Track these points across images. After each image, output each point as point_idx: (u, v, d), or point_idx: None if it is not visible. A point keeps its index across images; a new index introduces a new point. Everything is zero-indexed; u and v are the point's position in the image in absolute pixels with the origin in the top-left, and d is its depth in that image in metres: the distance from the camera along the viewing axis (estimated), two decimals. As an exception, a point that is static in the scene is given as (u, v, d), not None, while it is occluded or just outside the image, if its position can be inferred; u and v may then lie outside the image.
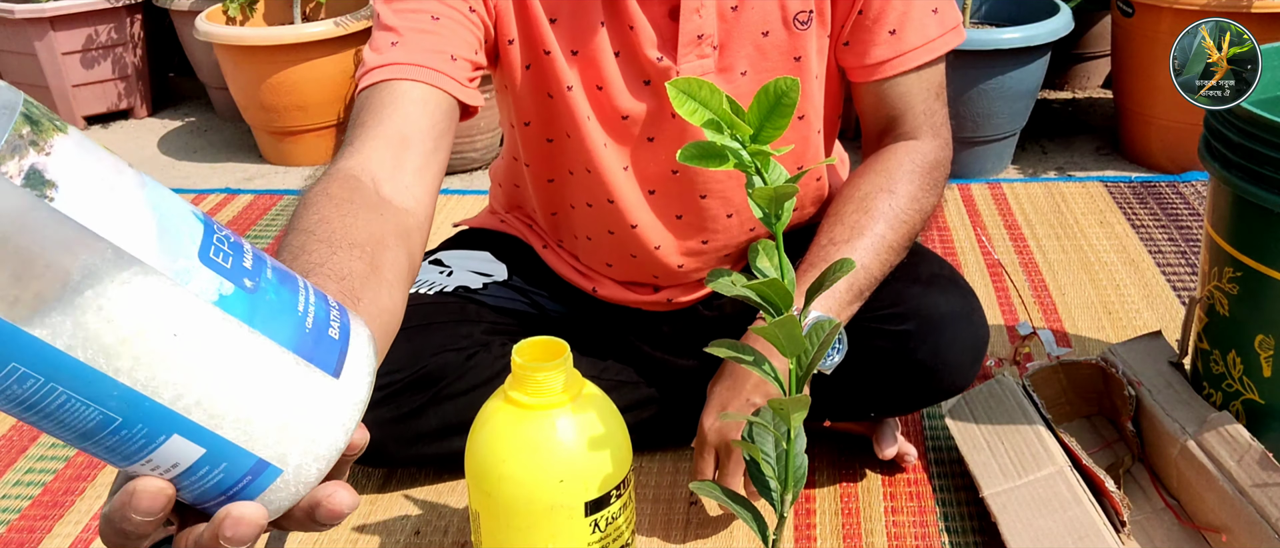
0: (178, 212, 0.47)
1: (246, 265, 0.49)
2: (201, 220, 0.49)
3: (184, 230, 0.46)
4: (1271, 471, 1.16)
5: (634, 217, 1.24)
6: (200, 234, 0.47)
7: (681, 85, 0.64)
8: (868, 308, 1.17)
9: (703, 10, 1.11)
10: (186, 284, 0.45)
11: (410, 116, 0.98)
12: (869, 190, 1.19)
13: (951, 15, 1.19)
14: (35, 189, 0.41)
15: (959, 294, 1.25)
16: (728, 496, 0.94)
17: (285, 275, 0.52)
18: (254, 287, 0.48)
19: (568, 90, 1.15)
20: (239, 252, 0.49)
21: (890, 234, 1.17)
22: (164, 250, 0.45)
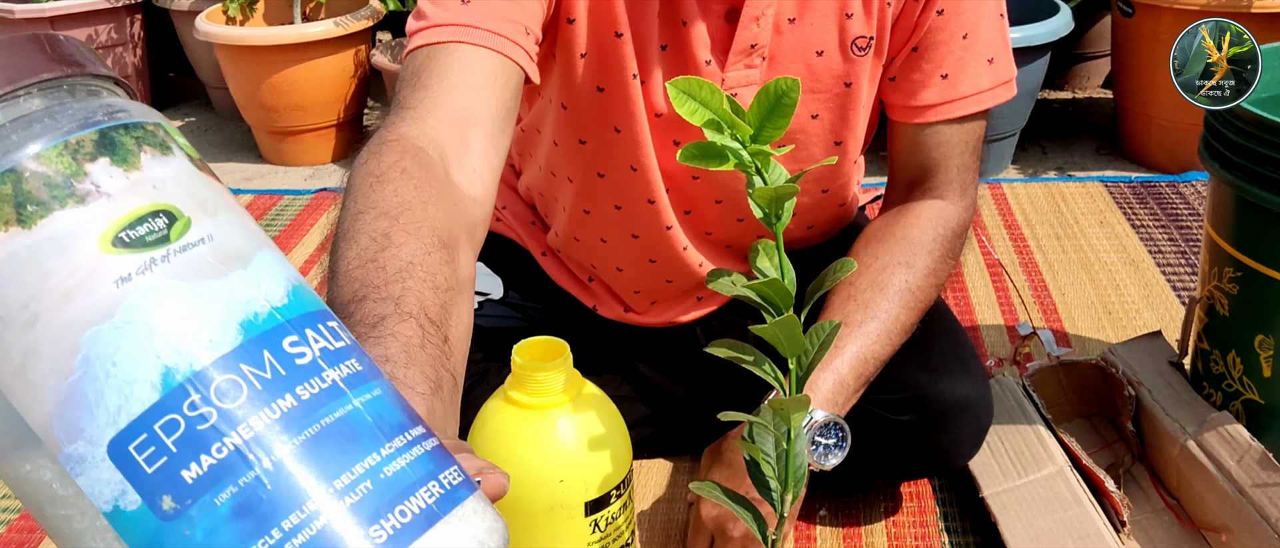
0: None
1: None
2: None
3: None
4: (1271, 471, 1.16)
5: (670, 218, 1.18)
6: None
7: (681, 85, 0.64)
8: (872, 390, 1.12)
9: (762, 19, 1.04)
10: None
11: (480, 90, 0.87)
12: (887, 263, 1.12)
13: (1006, 69, 1.12)
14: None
15: (968, 381, 1.20)
16: (728, 496, 0.94)
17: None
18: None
19: (632, 79, 1.06)
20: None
21: (904, 315, 1.12)
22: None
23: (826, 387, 1.07)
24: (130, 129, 0.36)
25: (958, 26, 1.08)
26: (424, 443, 0.37)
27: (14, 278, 0.33)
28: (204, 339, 0.34)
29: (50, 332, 0.33)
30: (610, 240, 1.23)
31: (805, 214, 1.24)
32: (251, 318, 0.36)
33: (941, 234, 1.15)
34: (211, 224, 0.36)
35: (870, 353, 1.09)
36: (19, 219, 0.34)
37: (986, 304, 1.82)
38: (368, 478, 0.35)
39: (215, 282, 0.35)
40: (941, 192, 1.16)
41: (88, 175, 0.35)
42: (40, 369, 0.33)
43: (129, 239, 0.34)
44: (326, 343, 0.37)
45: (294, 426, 0.34)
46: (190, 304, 0.35)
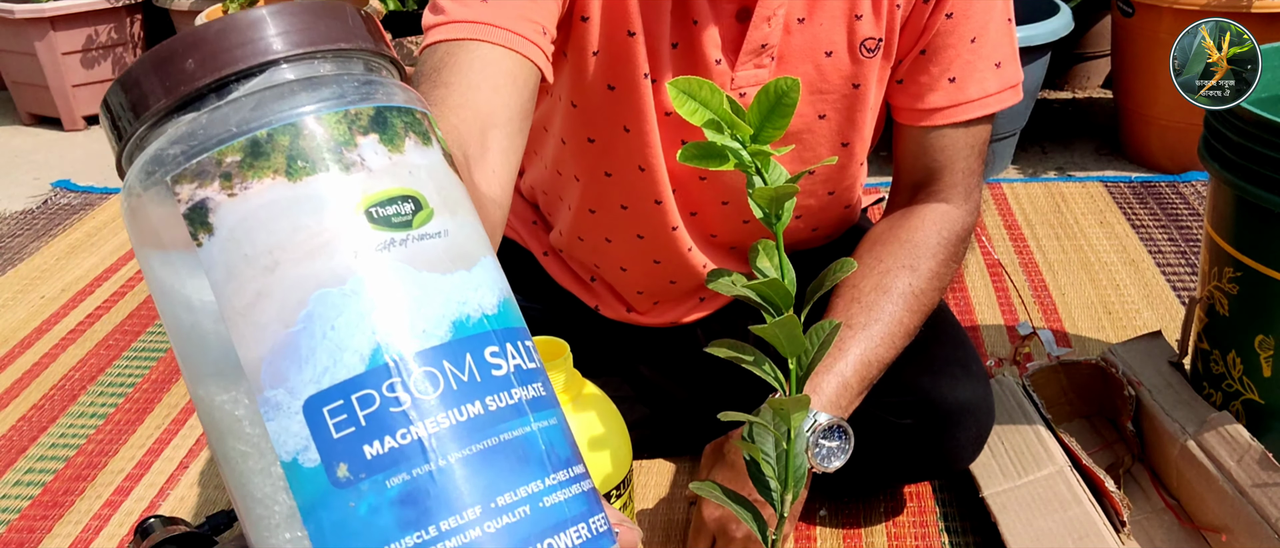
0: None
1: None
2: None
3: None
4: (1271, 471, 1.16)
5: (676, 218, 1.18)
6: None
7: (681, 85, 0.64)
8: (874, 393, 1.12)
9: (773, 19, 1.04)
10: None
11: (500, 91, 0.86)
12: (891, 266, 1.13)
13: (1013, 73, 1.12)
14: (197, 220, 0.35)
15: (969, 383, 1.20)
16: (728, 495, 0.94)
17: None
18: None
19: (644, 78, 1.06)
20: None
21: (907, 318, 1.12)
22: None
23: (830, 389, 1.07)
24: (402, 113, 0.38)
25: (966, 30, 1.08)
26: (582, 483, 0.38)
27: (267, 223, 0.35)
28: (417, 328, 0.35)
29: (285, 281, 0.35)
30: (615, 240, 1.23)
31: (811, 216, 1.23)
32: (463, 319, 0.36)
33: (946, 238, 1.15)
34: (450, 220, 0.38)
35: (873, 356, 1.09)
36: (288, 171, 0.35)
37: (986, 304, 1.82)
38: (527, 503, 0.35)
39: (440, 276, 0.36)
40: (946, 195, 1.16)
41: (357, 147, 0.36)
42: (267, 313, 0.35)
43: (376, 216, 0.36)
44: (521, 361, 0.38)
45: (475, 433, 0.35)
46: (414, 291, 0.36)
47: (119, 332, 1.87)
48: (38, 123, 3.10)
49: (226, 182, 0.35)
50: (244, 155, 0.35)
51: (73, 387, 1.71)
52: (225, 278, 0.35)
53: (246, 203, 0.35)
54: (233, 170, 0.35)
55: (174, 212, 0.35)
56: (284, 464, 0.34)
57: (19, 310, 1.98)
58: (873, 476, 1.28)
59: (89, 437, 1.58)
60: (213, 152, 0.35)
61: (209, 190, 0.35)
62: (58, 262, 2.17)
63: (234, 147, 0.35)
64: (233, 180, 0.35)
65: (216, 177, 0.35)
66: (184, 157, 0.35)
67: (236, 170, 0.35)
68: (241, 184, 0.35)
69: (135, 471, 1.50)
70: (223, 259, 0.35)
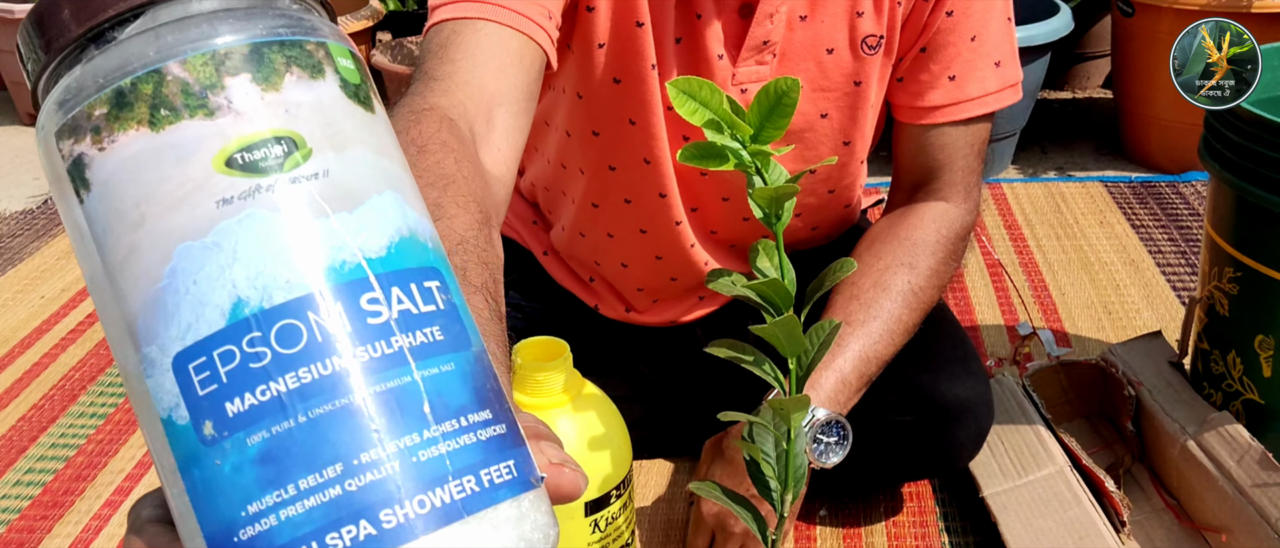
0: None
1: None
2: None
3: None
4: (1271, 471, 1.16)
5: (680, 213, 1.18)
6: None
7: (681, 85, 0.64)
8: (873, 390, 1.13)
9: (776, 16, 1.04)
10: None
11: (506, 70, 0.87)
12: (890, 263, 1.12)
13: (1013, 72, 1.12)
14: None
15: (969, 381, 1.20)
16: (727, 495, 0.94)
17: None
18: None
19: (651, 69, 1.05)
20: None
21: (907, 315, 1.12)
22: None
23: (829, 385, 1.07)
24: (284, 47, 0.36)
25: (967, 28, 1.08)
26: (479, 432, 0.35)
27: (134, 177, 0.34)
28: (281, 278, 0.34)
29: (152, 236, 0.34)
30: (617, 235, 1.23)
31: (810, 215, 1.23)
32: (336, 265, 0.34)
33: (945, 236, 1.15)
34: (334, 159, 0.35)
35: (872, 353, 1.09)
36: (150, 121, 0.34)
37: (986, 304, 1.82)
38: (398, 458, 0.33)
39: (314, 220, 0.34)
40: (946, 194, 1.16)
41: (224, 89, 0.34)
42: (137, 269, 0.34)
43: (242, 162, 0.34)
44: (411, 306, 0.35)
45: (341, 387, 0.33)
46: (280, 240, 0.34)
47: (119, 332, 1.87)
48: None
49: (97, 136, 0.34)
50: (110, 107, 0.34)
51: (73, 387, 1.71)
52: (103, 233, 0.34)
53: (115, 156, 0.34)
54: (101, 124, 0.34)
55: (61, 167, 0.35)
56: (162, 421, 0.34)
57: (19, 310, 1.98)
58: (872, 473, 1.28)
59: (89, 437, 1.58)
60: (83, 105, 0.34)
61: (83, 146, 0.34)
62: (58, 262, 2.17)
63: (101, 99, 0.34)
64: (102, 134, 0.34)
65: (88, 131, 0.34)
66: (62, 112, 0.35)
67: (104, 123, 0.34)
68: (109, 137, 0.34)
69: (135, 471, 1.50)
70: (100, 215, 0.34)
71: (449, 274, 0.38)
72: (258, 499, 0.33)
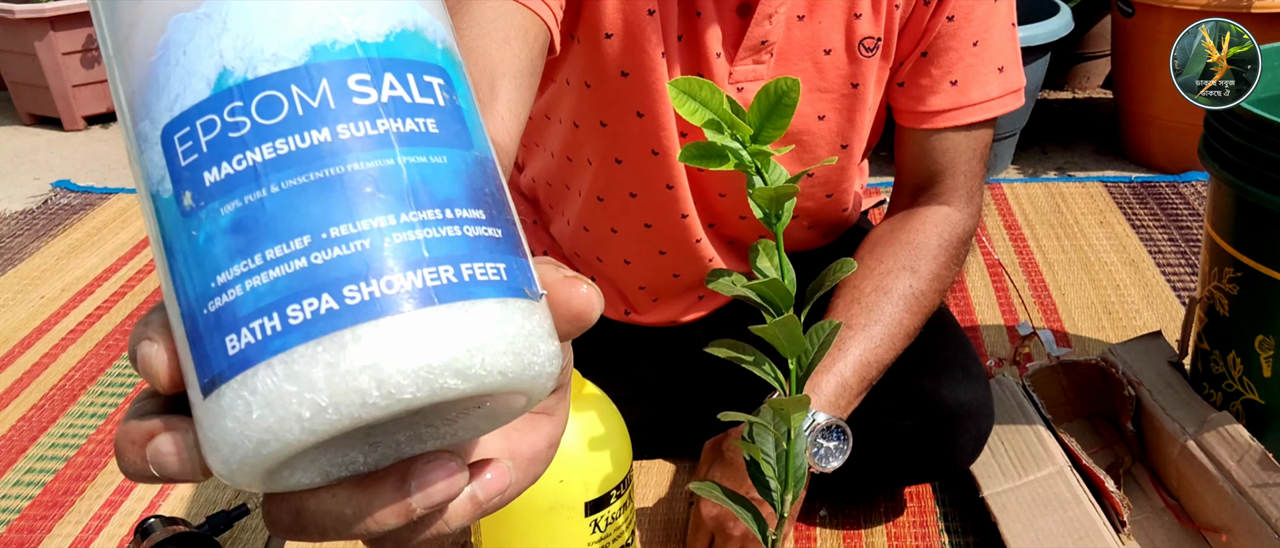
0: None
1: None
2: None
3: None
4: (1271, 471, 1.16)
5: (687, 205, 1.17)
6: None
7: (681, 85, 0.64)
8: (874, 394, 1.12)
9: (774, 16, 1.05)
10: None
11: (511, 42, 0.86)
12: (891, 267, 1.12)
13: (1016, 78, 1.12)
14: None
15: (969, 385, 1.20)
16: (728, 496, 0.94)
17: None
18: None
19: (662, 58, 1.05)
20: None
21: (908, 319, 1.11)
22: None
23: (829, 389, 1.07)
24: None
25: (968, 33, 1.08)
26: (466, 227, 0.34)
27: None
28: (268, 51, 0.33)
29: (148, 9, 0.33)
30: (622, 230, 1.23)
31: (808, 217, 1.24)
32: (327, 43, 0.34)
33: (946, 240, 1.15)
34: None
35: (873, 357, 1.09)
36: None
37: (986, 304, 1.82)
38: (369, 236, 0.32)
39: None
40: (948, 198, 1.16)
41: None
42: (135, 43, 0.34)
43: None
44: (403, 94, 0.34)
45: (317, 161, 0.33)
46: (271, 13, 0.33)
47: (119, 332, 1.87)
48: (38, 123, 3.10)
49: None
50: None
51: (73, 387, 1.71)
52: (109, 13, 0.34)
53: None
54: None
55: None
56: (149, 195, 0.34)
57: (19, 310, 1.98)
58: (873, 477, 1.28)
59: (89, 437, 1.58)
60: None
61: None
62: (58, 262, 2.17)
63: None
64: None
65: None
66: None
67: None
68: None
69: (135, 471, 1.50)
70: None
71: (459, 78, 0.36)
72: (226, 269, 0.32)
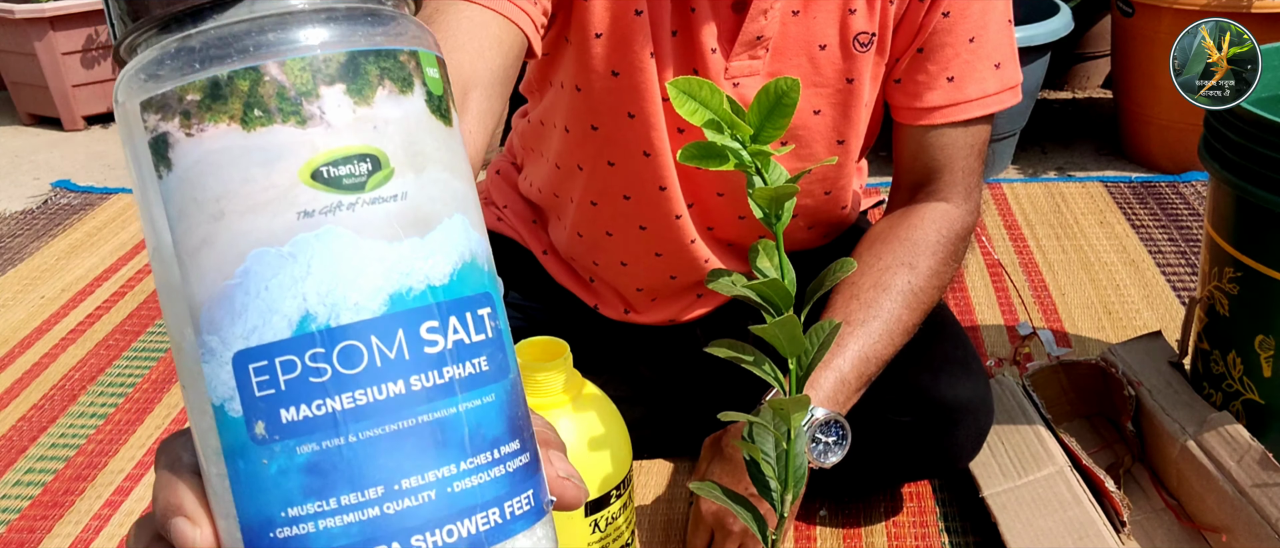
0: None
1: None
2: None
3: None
4: (1271, 471, 1.16)
5: (680, 206, 1.18)
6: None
7: (681, 85, 0.64)
8: (873, 390, 1.12)
9: (769, 12, 1.05)
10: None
11: (485, 53, 0.88)
12: (890, 263, 1.12)
13: (1013, 74, 1.12)
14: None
15: (969, 381, 1.20)
16: (727, 495, 0.94)
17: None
18: None
19: (650, 58, 1.06)
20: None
21: (906, 315, 1.11)
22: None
23: (828, 385, 1.07)
24: (380, 57, 0.36)
25: (964, 30, 1.08)
26: (509, 463, 0.37)
27: (218, 170, 0.34)
28: (350, 300, 0.35)
29: (228, 232, 0.34)
30: (617, 233, 1.23)
31: (807, 215, 1.24)
32: (403, 292, 0.35)
33: (945, 236, 1.15)
34: (413, 181, 0.36)
35: (872, 352, 1.09)
36: (243, 119, 0.34)
37: (986, 304, 1.82)
38: (435, 488, 0.35)
39: (387, 244, 0.35)
40: (946, 194, 1.16)
41: (319, 99, 0.34)
42: (209, 260, 0.35)
43: (327, 176, 0.34)
44: (464, 336, 0.36)
45: (392, 413, 0.35)
46: (354, 260, 0.35)
47: (119, 332, 1.87)
48: (38, 123, 3.10)
49: (186, 120, 0.34)
50: (204, 96, 0.34)
51: (73, 387, 1.71)
52: (178, 216, 0.35)
53: (201, 146, 0.34)
54: (192, 109, 0.34)
55: (143, 136, 0.35)
56: (213, 407, 0.35)
57: (19, 310, 1.98)
58: (872, 473, 1.28)
59: (89, 437, 1.58)
60: (175, 86, 0.34)
61: (170, 126, 0.34)
62: (58, 262, 2.17)
63: (195, 85, 0.34)
64: (191, 120, 0.34)
65: (177, 112, 0.34)
66: (152, 84, 0.35)
67: (195, 110, 0.34)
68: (198, 125, 0.34)
69: (135, 471, 1.50)
70: (177, 197, 0.35)
71: (498, 296, 0.39)
72: (299, 505, 0.34)
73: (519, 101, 1.30)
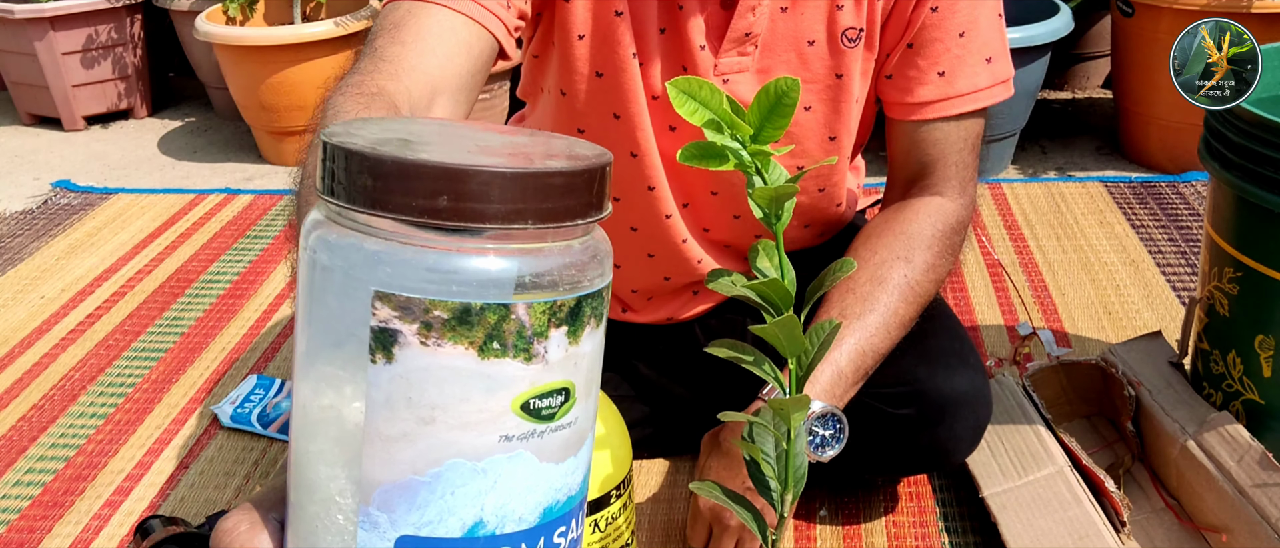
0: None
1: None
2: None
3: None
4: (1271, 471, 1.16)
5: (670, 206, 1.18)
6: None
7: (681, 85, 0.64)
8: (870, 384, 1.12)
9: (758, 8, 1.05)
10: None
11: (453, 58, 0.89)
12: (886, 257, 1.13)
13: (1004, 68, 1.12)
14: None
15: (966, 373, 1.20)
16: (727, 495, 0.94)
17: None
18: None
19: (632, 58, 1.06)
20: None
21: (903, 309, 1.11)
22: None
23: (825, 378, 1.07)
24: (591, 299, 0.39)
25: (954, 24, 1.08)
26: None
27: (443, 384, 0.37)
28: (516, 514, 0.38)
29: (433, 438, 0.37)
30: (608, 235, 1.22)
31: (802, 213, 1.24)
32: (553, 505, 0.39)
33: (940, 230, 1.15)
34: (583, 407, 0.40)
35: (869, 346, 1.09)
36: (479, 348, 0.37)
37: (986, 304, 1.82)
38: None
39: (554, 466, 0.39)
40: (940, 189, 1.16)
41: (546, 340, 0.38)
42: (404, 454, 0.37)
43: (532, 408, 0.38)
44: (577, 535, 0.41)
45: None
46: (530, 480, 0.39)
47: (119, 332, 1.87)
48: (38, 123, 3.10)
49: (425, 331, 0.36)
50: (451, 316, 0.36)
51: (73, 387, 1.71)
52: (382, 403, 0.37)
53: (433, 358, 0.36)
54: (435, 323, 0.36)
55: (363, 315, 0.37)
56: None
57: (19, 310, 1.98)
58: (870, 467, 1.28)
59: (89, 437, 1.58)
60: (426, 298, 0.36)
61: (405, 327, 0.36)
62: (58, 262, 2.17)
63: (446, 305, 0.36)
64: (431, 331, 0.36)
65: (418, 321, 0.36)
66: (395, 281, 0.36)
67: (438, 325, 0.36)
68: (437, 340, 0.36)
69: (135, 471, 1.50)
70: (387, 388, 0.37)
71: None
72: None
73: (517, 105, 1.30)
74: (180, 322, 1.90)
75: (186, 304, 1.96)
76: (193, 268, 2.11)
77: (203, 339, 1.83)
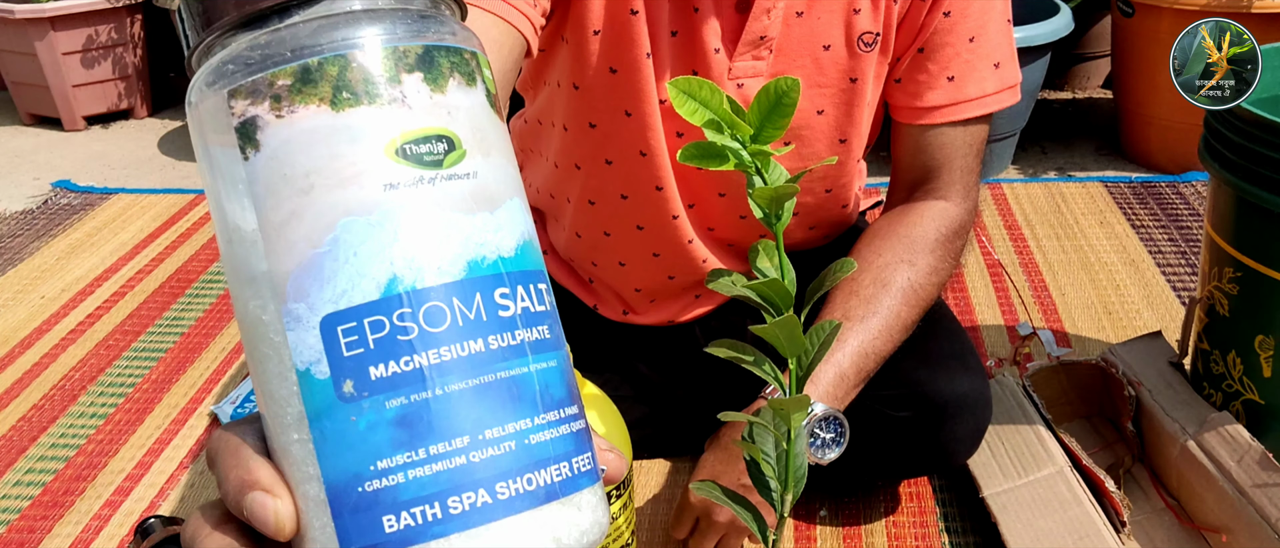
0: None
1: None
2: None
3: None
4: (1271, 471, 1.16)
5: (677, 206, 1.18)
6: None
7: (681, 85, 0.64)
8: (871, 386, 1.13)
9: (773, 11, 1.05)
10: None
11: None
12: (889, 260, 1.13)
13: (1012, 74, 1.12)
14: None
15: (966, 377, 1.20)
16: (727, 495, 0.94)
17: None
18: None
19: (646, 58, 1.06)
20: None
21: (906, 311, 1.12)
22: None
23: (827, 380, 1.07)
24: (450, 52, 0.40)
25: (964, 29, 1.08)
26: (572, 424, 0.40)
27: (307, 148, 0.37)
28: (433, 264, 0.38)
29: (317, 205, 0.37)
30: (614, 233, 1.23)
31: (808, 214, 1.24)
32: (478, 260, 0.39)
33: (944, 234, 1.15)
34: (481, 162, 0.39)
35: (871, 348, 1.09)
36: (332, 101, 0.37)
37: (986, 304, 1.82)
38: (514, 438, 0.38)
39: (463, 216, 0.38)
40: (944, 193, 1.16)
41: (401, 84, 0.38)
42: (297, 232, 0.37)
43: (409, 153, 0.38)
44: (530, 304, 0.40)
45: (474, 368, 0.38)
46: (435, 229, 0.38)
47: (119, 332, 1.87)
48: (38, 123, 3.10)
49: (276, 103, 0.37)
50: (294, 80, 0.37)
51: (73, 387, 1.71)
52: (265, 193, 0.37)
53: (291, 126, 0.37)
54: (283, 93, 0.37)
55: (228, 123, 0.38)
56: (298, 372, 0.37)
57: (19, 310, 1.98)
58: (871, 469, 1.28)
59: (89, 437, 1.58)
60: (266, 73, 0.37)
61: (259, 109, 0.37)
62: (58, 262, 2.17)
63: (286, 71, 0.37)
64: (282, 103, 0.37)
65: (267, 97, 0.37)
66: (241, 73, 0.38)
67: (286, 94, 0.37)
68: (289, 108, 0.37)
69: (135, 471, 1.50)
70: (264, 176, 0.37)
71: (545, 273, 0.42)
72: (388, 457, 0.36)
73: (517, 104, 1.30)
74: (180, 322, 1.90)
75: (186, 304, 1.96)
76: (193, 268, 2.11)
77: (203, 339, 1.83)
